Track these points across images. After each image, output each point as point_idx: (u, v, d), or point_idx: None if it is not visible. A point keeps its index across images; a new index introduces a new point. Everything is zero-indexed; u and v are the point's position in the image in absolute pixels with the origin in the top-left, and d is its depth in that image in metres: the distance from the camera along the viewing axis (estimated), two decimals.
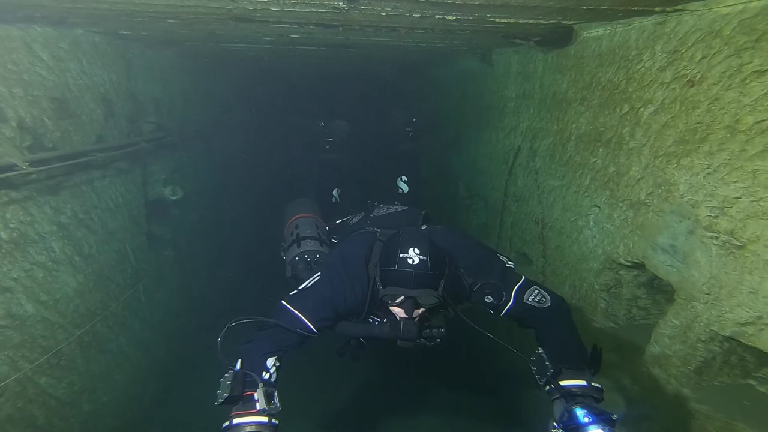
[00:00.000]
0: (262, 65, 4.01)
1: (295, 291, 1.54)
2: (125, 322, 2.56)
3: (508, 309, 1.54)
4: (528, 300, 1.51)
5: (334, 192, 2.92)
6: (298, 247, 1.99)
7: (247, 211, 4.99)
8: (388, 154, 3.29)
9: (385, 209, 2.09)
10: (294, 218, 2.22)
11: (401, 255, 1.38)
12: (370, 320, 1.58)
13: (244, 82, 4.89)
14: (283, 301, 1.49)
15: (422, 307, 1.43)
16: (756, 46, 1.16)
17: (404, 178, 2.99)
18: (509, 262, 1.68)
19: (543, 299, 1.52)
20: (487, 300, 1.54)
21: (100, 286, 2.29)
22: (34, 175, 1.79)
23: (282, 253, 2.11)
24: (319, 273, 1.56)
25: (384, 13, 1.73)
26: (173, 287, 3.28)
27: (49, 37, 1.89)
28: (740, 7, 1.23)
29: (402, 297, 1.39)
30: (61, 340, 1.97)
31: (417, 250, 1.38)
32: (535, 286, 1.56)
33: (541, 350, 1.45)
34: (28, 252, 1.81)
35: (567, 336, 1.47)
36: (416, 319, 1.43)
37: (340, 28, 2.08)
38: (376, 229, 1.83)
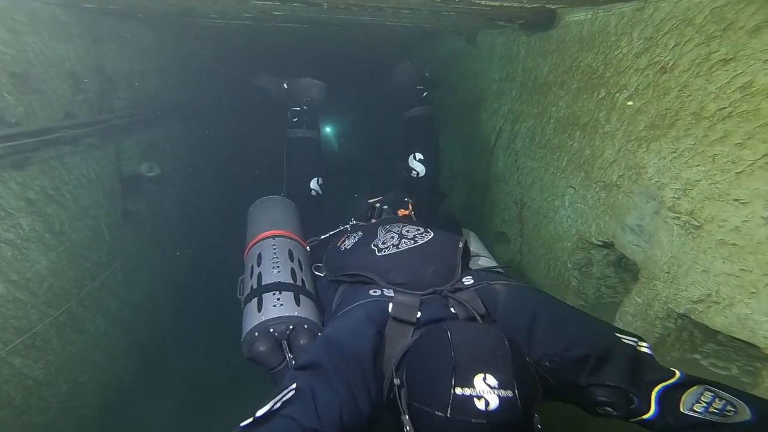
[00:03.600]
0: (242, 41, 3.86)
1: (250, 420, 0.84)
2: (102, 301, 2.52)
3: (648, 421, 0.93)
4: (692, 409, 0.88)
5: (313, 183, 2.16)
6: (259, 308, 1.25)
7: (229, 188, 4.91)
8: (391, 125, 2.52)
9: (396, 237, 1.31)
10: (256, 239, 1.51)
11: (461, 392, 0.74)
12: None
13: (224, 57, 4.71)
14: None
15: None
16: (724, 35, 1.21)
17: (419, 155, 2.26)
18: (642, 344, 1.02)
19: (729, 408, 0.86)
20: (603, 411, 0.95)
21: (74, 265, 2.23)
22: None
23: (240, 297, 1.38)
24: (294, 385, 0.88)
25: None
26: (151, 265, 3.23)
27: (1, 8, 1.77)
28: None
29: None
30: (35, 321, 1.93)
31: (495, 381, 0.74)
32: (705, 387, 0.90)
33: None
34: None
35: None
36: None
37: (325, 6, 2.02)
38: (385, 291, 1.13)
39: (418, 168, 2.28)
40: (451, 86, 3.66)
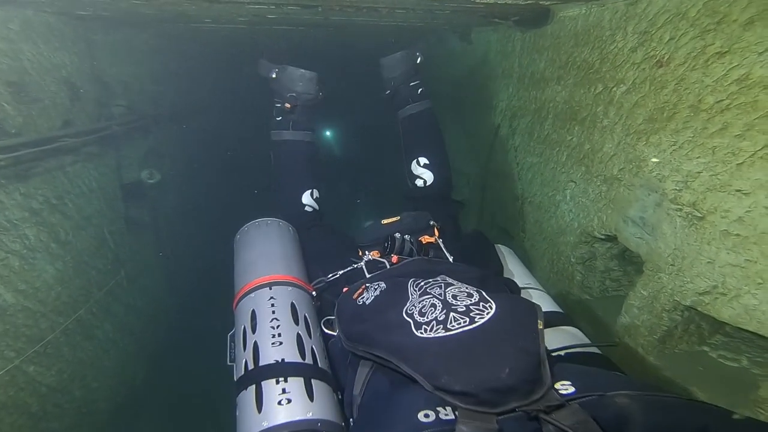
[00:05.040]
0: (237, 44, 3.87)
1: None
2: (109, 308, 2.54)
3: None
4: None
5: (306, 197, 1.79)
6: (259, 407, 0.92)
7: (229, 192, 4.92)
8: (386, 128, 2.15)
9: (440, 306, 0.90)
10: (247, 287, 1.18)
11: None
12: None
13: (220, 61, 4.72)
14: None
15: None
16: (717, 28, 1.22)
17: (423, 159, 1.92)
18: None
19: None
20: None
21: (80, 273, 2.25)
22: (1, 162, 1.72)
23: (231, 364, 1.07)
24: None
25: None
26: (154, 270, 3.25)
27: None
28: None
29: None
30: (45, 329, 1.95)
31: None
32: None
33: None
34: (1, 240, 1.76)
35: None
36: None
37: (320, 8, 2.02)
38: (441, 412, 0.73)
39: (425, 175, 1.92)
40: (446, 84, 3.67)
